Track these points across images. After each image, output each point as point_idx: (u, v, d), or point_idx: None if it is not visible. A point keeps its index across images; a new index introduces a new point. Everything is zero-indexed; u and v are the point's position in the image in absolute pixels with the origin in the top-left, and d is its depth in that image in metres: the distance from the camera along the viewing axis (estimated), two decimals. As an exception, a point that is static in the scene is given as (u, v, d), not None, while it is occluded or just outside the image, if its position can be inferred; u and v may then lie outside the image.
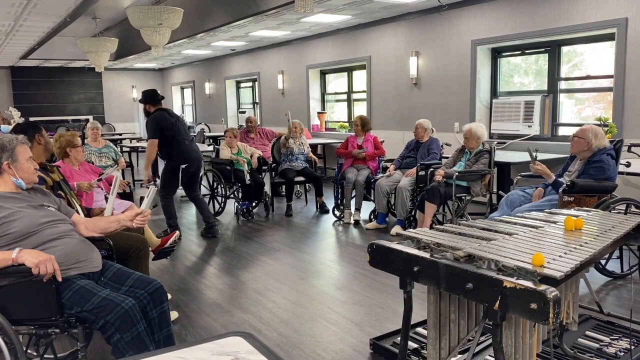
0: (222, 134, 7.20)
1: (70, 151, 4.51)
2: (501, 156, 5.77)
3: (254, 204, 6.70)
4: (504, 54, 7.09)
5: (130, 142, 11.77)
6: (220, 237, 5.69)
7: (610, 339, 2.95)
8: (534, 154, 4.09)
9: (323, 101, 10.69)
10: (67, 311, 2.23)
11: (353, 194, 6.21)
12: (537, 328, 1.88)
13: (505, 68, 7.20)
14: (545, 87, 6.56)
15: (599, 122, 5.45)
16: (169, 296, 3.35)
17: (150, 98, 5.44)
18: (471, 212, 5.53)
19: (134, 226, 2.59)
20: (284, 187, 7.04)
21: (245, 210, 6.58)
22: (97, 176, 4.63)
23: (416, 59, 7.88)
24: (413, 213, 5.54)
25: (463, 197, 5.33)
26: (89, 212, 3.51)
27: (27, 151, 2.47)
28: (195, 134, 13.20)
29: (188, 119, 15.98)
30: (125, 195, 4.83)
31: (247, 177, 6.46)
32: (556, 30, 6.10)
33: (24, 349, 2.30)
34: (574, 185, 3.79)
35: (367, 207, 6.32)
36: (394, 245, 2.03)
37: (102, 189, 4.53)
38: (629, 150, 5.08)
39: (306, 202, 7.40)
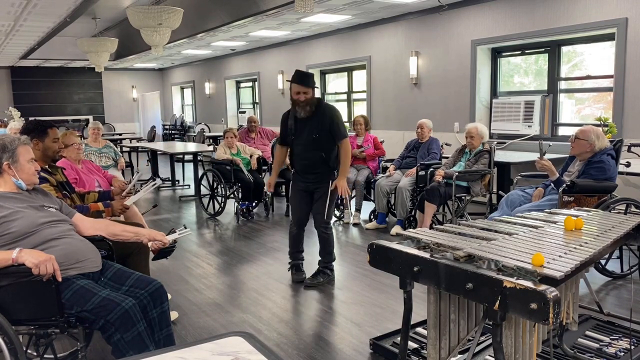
0: (222, 134, 7.18)
1: (63, 151, 4.50)
2: (501, 156, 5.77)
3: (254, 204, 6.70)
4: (504, 54, 7.09)
5: (130, 142, 11.78)
6: (220, 237, 5.69)
7: (610, 339, 2.94)
8: (543, 149, 4.07)
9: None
10: (67, 311, 2.23)
11: (353, 194, 6.21)
12: (537, 328, 1.88)
13: (505, 68, 7.20)
14: (545, 87, 6.56)
15: (598, 122, 5.45)
16: (169, 296, 3.35)
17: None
18: (471, 212, 5.53)
19: (150, 247, 2.74)
20: (283, 187, 7.04)
21: (245, 210, 6.58)
22: (100, 174, 4.61)
23: (416, 59, 7.88)
24: (413, 213, 5.54)
25: (463, 197, 5.34)
26: (83, 198, 3.52)
27: (29, 152, 2.45)
28: (195, 134, 13.23)
29: (188, 119, 15.98)
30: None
31: (250, 177, 6.46)
32: (556, 30, 6.09)
33: (24, 349, 2.30)
34: (574, 185, 3.79)
35: (367, 207, 6.31)
36: (394, 245, 2.03)
37: (101, 187, 4.52)
38: (629, 150, 5.08)
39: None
